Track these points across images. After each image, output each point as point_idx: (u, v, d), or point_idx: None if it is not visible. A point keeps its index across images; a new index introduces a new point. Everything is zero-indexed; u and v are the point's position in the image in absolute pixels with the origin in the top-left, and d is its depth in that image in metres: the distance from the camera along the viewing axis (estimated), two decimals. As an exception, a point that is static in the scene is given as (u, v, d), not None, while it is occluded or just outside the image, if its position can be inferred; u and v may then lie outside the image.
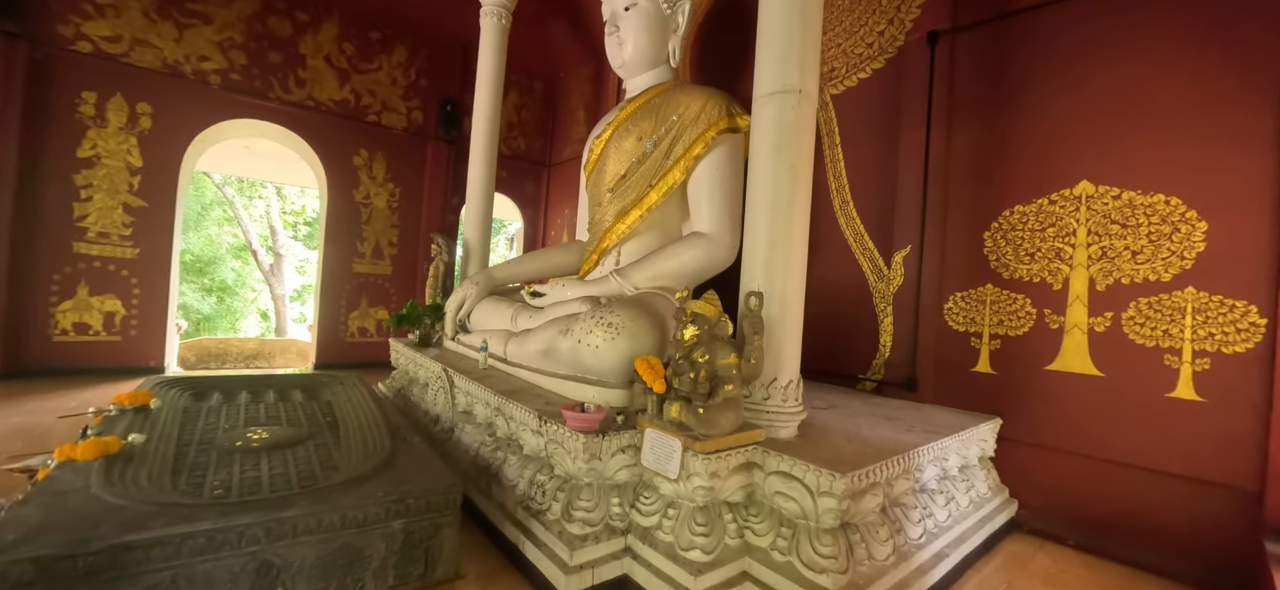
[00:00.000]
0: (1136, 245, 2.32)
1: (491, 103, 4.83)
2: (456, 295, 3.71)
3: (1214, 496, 2.09)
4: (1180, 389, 2.19)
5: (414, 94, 5.87)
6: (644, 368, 1.93)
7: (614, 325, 2.26)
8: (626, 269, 3.05)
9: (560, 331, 2.54)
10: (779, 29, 2.02)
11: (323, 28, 5.20)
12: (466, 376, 2.70)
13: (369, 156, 5.61)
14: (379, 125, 5.65)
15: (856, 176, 3.42)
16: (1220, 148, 2.14)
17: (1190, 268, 2.19)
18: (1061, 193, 2.54)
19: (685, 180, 3.19)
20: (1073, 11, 2.55)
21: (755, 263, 2.00)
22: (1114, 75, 2.41)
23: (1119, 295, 2.35)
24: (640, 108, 3.45)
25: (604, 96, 6.13)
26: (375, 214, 5.69)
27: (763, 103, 2.04)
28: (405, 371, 3.79)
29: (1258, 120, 2.07)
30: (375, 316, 5.76)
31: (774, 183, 1.98)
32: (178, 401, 2.64)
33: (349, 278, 5.58)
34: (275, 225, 11.63)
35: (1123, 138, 2.37)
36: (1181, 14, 2.26)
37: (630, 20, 3.50)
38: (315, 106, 5.22)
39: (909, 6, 3.19)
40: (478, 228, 4.82)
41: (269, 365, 7.44)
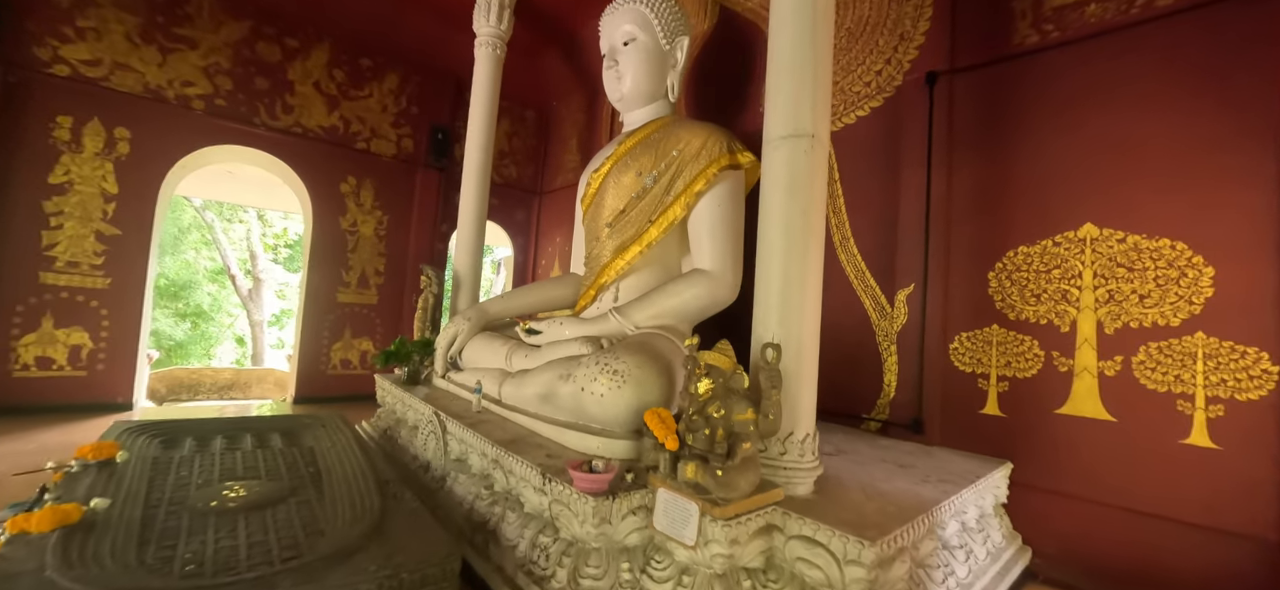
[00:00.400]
0: (1144, 289, 2.31)
1: (485, 132, 4.77)
2: (447, 330, 3.58)
3: (1233, 546, 2.05)
4: (1194, 436, 2.16)
5: (404, 121, 5.79)
6: (655, 421, 1.83)
7: (619, 373, 2.16)
8: (626, 307, 2.97)
9: (560, 376, 2.43)
10: (789, 74, 1.99)
11: (313, 54, 5.12)
12: (460, 422, 2.57)
13: (357, 183, 5.49)
14: (368, 152, 5.54)
15: (857, 213, 3.41)
16: (1222, 192, 2.16)
17: (1199, 313, 2.18)
18: (1065, 234, 2.54)
19: (685, 216, 3.15)
20: (1069, 56, 2.59)
21: (769, 310, 1.94)
22: (1112, 118, 2.44)
23: (1128, 339, 2.33)
24: (639, 142, 3.41)
25: (597, 125, 6.13)
26: (362, 242, 5.54)
27: (774, 146, 2.00)
28: (392, 411, 3.62)
29: (1258, 164, 2.09)
30: (359, 348, 5.56)
31: (787, 228, 1.93)
32: (146, 451, 2.45)
33: (333, 307, 5.40)
34: (256, 249, 11.33)
35: (1124, 181, 2.39)
36: (1175, 59, 2.29)
37: (629, 55, 3.49)
38: (303, 133, 5.10)
39: (906, 48, 3.22)
40: (469, 258, 4.71)
41: (244, 396, 7.14)
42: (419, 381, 3.72)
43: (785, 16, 2.03)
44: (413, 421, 3.22)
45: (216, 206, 11.05)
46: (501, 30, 4.78)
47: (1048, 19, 2.67)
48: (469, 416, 2.70)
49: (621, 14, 3.52)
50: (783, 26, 2.04)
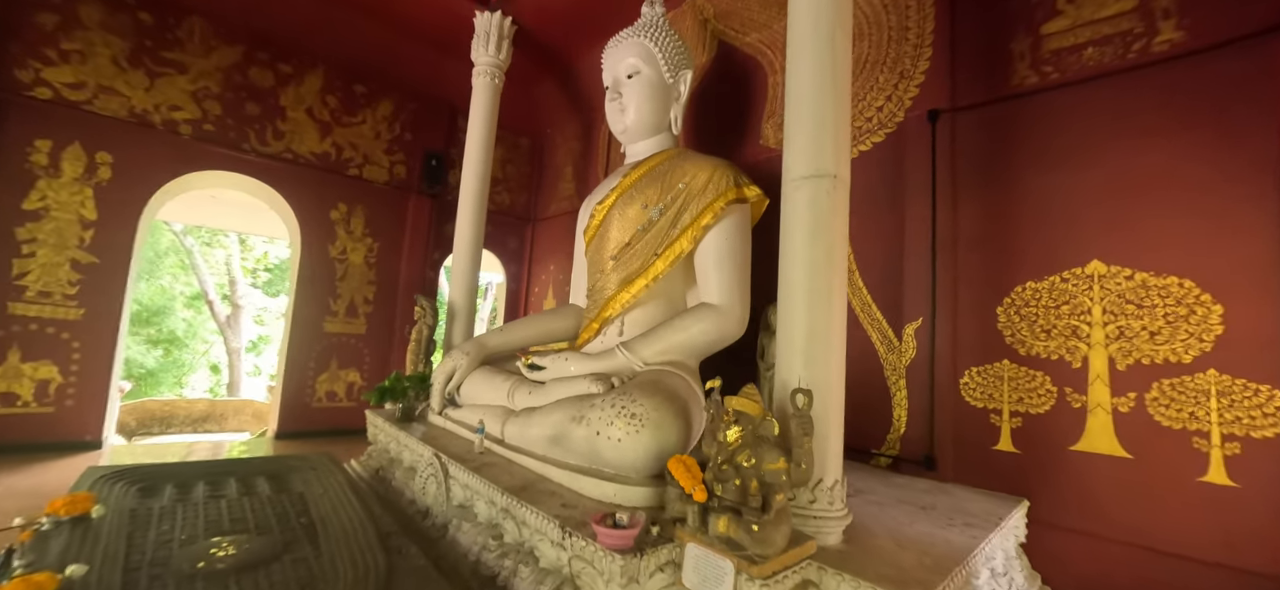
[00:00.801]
0: (1154, 326, 2.33)
1: (482, 160, 4.73)
2: (445, 365, 3.46)
3: (1254, 586, 2.03)
4: (1212, 473, 2.16)
5: (398, 147, 5.71)
6: (680, 470, 1.76)
7: (637, 416, 2.08)
8: (633, 342, 2.90)
9: (572, 418, 2.34)
10: (809, 113, 1.99)
11: (306, 80, 5.04)
12: (465, 466, 2.45)
13: (347, 210, 5.37)
14: (360, 179, 5.43)
15: (861, 245, 3.42)
16: (1227, 232, 2.20)
17: (1210, 350, 2.20)
18: (1073, 271, 2.57)
19: (692, 250, 3.11)
20: (1069, 96, 2.66)
21: (794, 353, 1.89)
22: (1115, 158, 2.49)
23: (1141, 375, 2.34)
24: (645, 174, 3.39)
25: (593, 154, 6.12)
26: (351, 270, 5.40)
27: (795, 186, 1.98)
28: (385, 450, 3.46)
29: (1260, 205, 2.14)
30: (346, 379, 5.37)
31: (811, 269, 1.90)
32: (123, 502, 2.28)
33: (319, 337, 5.21)
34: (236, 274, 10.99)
35: (1129, 219, 2.43)
36: (1174, 101, 2.36)
37: (633, 88, 3.49)
38: (293, 159, 4.98)
39: (907, 85, 3.28)
40: (464, 289, 4.61)
41: (220, 429, 6.82)
42: (414, 418, 3.57)
43: (803, 56, 2.03)
44: (409, 462, 3.07)
45: (196, 231, 10.75)
46: (500, 60, 4.78)
47: (1046, 61, 2.75)
48: (472, 459, 2.58)
49: (625, 47, 3.54)
50: (801, 66, 2.05)
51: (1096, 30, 2.59)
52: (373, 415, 3.74)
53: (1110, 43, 2.55)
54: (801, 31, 2.05)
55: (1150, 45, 2.44)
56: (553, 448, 2.43)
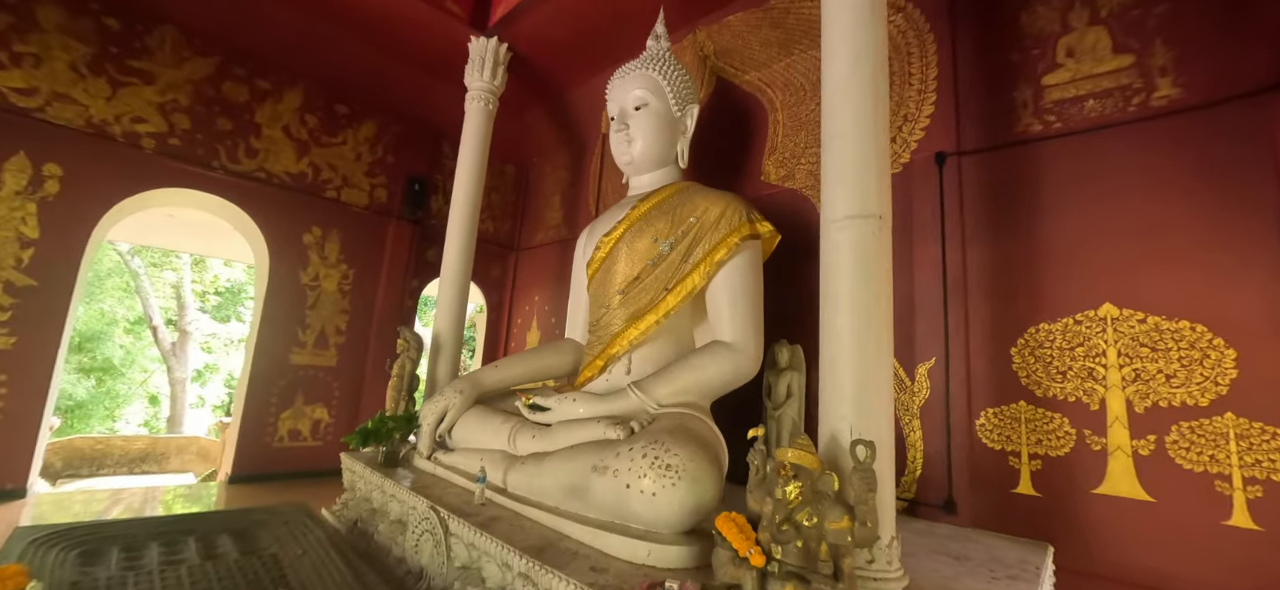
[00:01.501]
0: (1169, 369, 2.37)
1: (473, 187, 4.56)
2: (436, 404, 3.21)
3: (1290, 637, 2.02)
4: (1236, 517, 2.17)
5: (379, 171, 5.46)
6: (731, 530, 1.61)
7: (673, 468, 1.93)
8: (646, 383, 2.76)
9: (593, 467, 2.16)
10: (853, 152, 1.95)
11: (284, 97, 4.77)
12: (467, 521, 2.21)
13: (322, 234, 5.05)
14: (337, 202, 5.15)
15: (868, 283, 3.41)
16: (1234, 280, 2.28)
17: (1226, 394, 2.24)
18: (1086, 313, 2.60)
19: (704, 285, 3.03)
20: (1074, 144, 2.75)
21: (841, 400, 1.80)
22: (1121, 204, 2.57)
23: (1159, 418, 2.37)
24: (654, 207, 3.31)
25: (583, 184, 6.03)
26: (323, 297, 5.05)
27: (839, 227, 1.93)
28: (366, 499, 3.15)
29: (1265, 254, 2.23)
30: (312, 416, 4.96)
31: (860, 313, 1.83)
32: (62, 573, 1.94)
33: (285, 370, 4.81)
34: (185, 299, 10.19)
35: (1139, 263, 2.49)
36: (1177, 152, 2.46)
37: (641, 120, 3.44)
38: (266, 179, 4.67)
39: (911, 128, 3.35)
40: (451, 321, 4.37)
41: (161, 469, 6.16)
42: (399, 463, 3.28)
43: (845, 94, 2.01)
44: (398, 515, 2.78)
45: (144, 251, 9.95)
46: (495, 85, 4.67)
47: (1049, 110, 2.85)
48: (475, 513, 2.35)
49: (634, 79, 3.50)
50: (841, 103, 2.02)
51: (1097, 84, 2.71)
52: (350, 460, 3.42)
53: (1110, 96, 2.66)
54: (841, 69, 2.03)
55: (1149, 100, 2.56)
56: (570, 500, 2.24)
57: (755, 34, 4.21)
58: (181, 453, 6.30)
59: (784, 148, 4.07)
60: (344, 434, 5.08)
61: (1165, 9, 2.55)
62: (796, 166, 3.94)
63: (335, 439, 5.05)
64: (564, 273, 5.97)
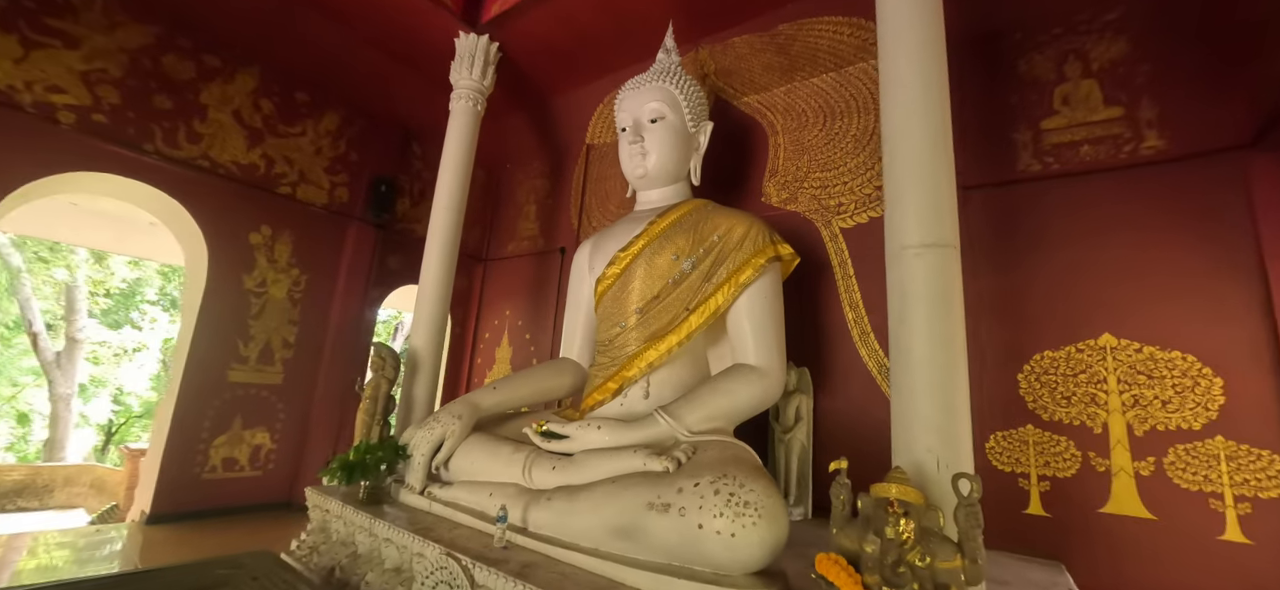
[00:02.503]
0: (1165, 396, 2.58)
1: (457, 193, 4.25)
2: (431, 431, 2.88)
3: (1279, 642, 2.22)
4: (1229, 532, 2.37)
5: (341, 168, 4.95)
6: (837, 572, 1.51)
7: (751, 505, 1.80)
8: (674, 408, 2.61)
9: (648, 505, 1.98)
10: (928, 180, 1.96)
11: (237, 78, 4.20)
12: (501, 572, 1.95)
13: (272, 234, 4.47)
14: (292, 199, 4.59)
15: (876, 309, 3.49)
16: (1219, 315, 2.53)
17: (1216, 419, 2.47)
18: (1087, 342, 2.79)
19: (727, 307, 2.94)
20: (1070, 185, 2.97)
21: (927, 429, 1.77)
22: (1116, 241, 2.80)
23: (1158, 441, 2.56)
24: (674, 223, 3.20)
25: (561, 195, 5.81)
26: (270, 306, 4.46)
27: (916, 254, 1.91)
28: (345, 544, 2.73)
29: (1246, 291, 2.49)
30: (252, 442, 4.33)
31: (939, 342, 1.82)
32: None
33: (221, 388, 4.17)
34: (77, 302, 8.64)
35: (1134, 297, 2.71)
36: (1166, 196, 2.72)
37: (657, 133, 3.33)
38: (211, 168, 4.07)
39: (916, 159, 3.49)
40: (430, 337, 4.00)
41: (43, 504, 5.10)
42: (383, 500, 2.89)
43: (918, 120, 2.02)
44: (396, 563, 2.42)
45: (29, 243, 8.35)
46: (484, 85, 4.39)
47: (1047, 152, 3.07)
48: (503, 560, 2.08)
49: (650, 91, 3.39)
50: (913, 128, 2.03)
51: (1090, 131, 2.95)
52: (320, 497, 2.98)
53: (1103, 143, 2.91)
54: (911, 96, 2.04)
55: (1138, 149, 2.82)
56: (617, 541, 2.03)
57: (758, 57, 4.26)
58: (69, 485, 5.24)
59: (785, 171, 4.12)
60: (288, 462, 4.49)
61: (1150, 68, 2.84)
62: (799, 190, 4.00)
63: (280, 468, 4.44)
64: (540, 286, 5.70)
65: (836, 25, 3.86)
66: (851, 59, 3.88)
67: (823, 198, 3.87)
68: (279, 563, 2.39)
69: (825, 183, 3.88)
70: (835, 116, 3.94)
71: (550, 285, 5.59)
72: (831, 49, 3.94)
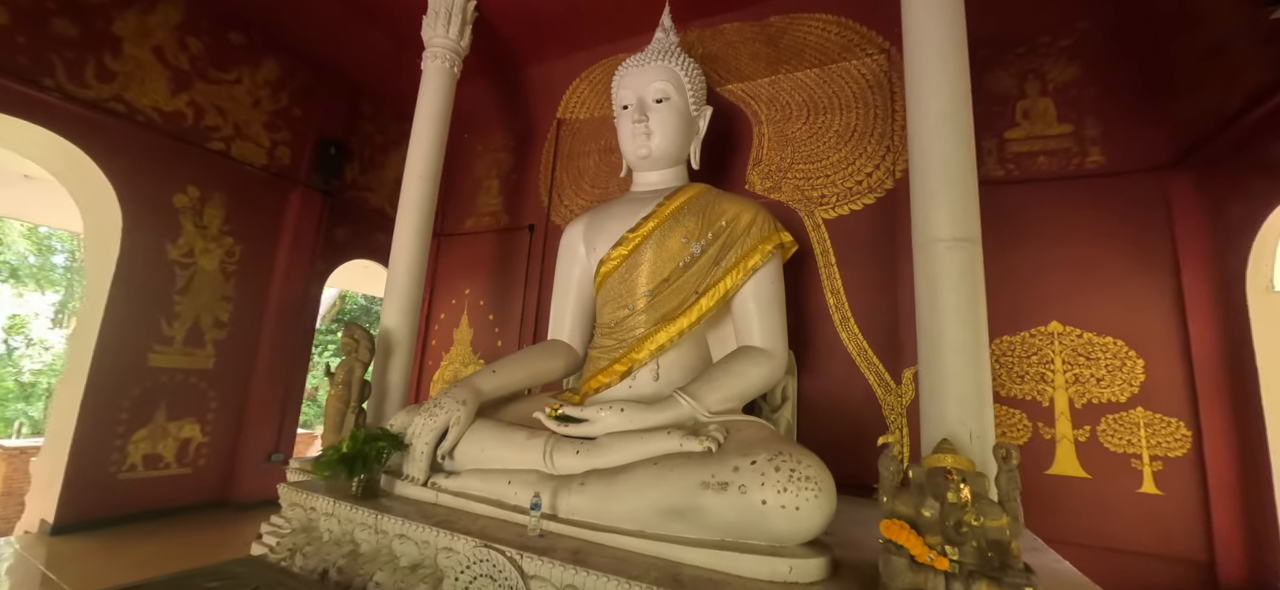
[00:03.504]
0: (1099, 374, 3.05)
1: (431, 162, 3.95)
2: (434, 418, 2.70)
3: (1180, 568, 2.75)
4: (1146, 486, 2.88)
5: (282, 124, 4.37)
6: (906, 536, 1.65)
7: (812, 480, 1.89)
8: (695, 390, 2.65)
9: (703, 484, 2.01)
10: (959, 181, 2.13)
11: (158, 8, 3.53)
12: (557, 561, 1.89)
13: (200, 196, 3.87)
14: (225, 156, 3.99)
15: (856, 296, 3.75)
16: (1142, 307, 3.03)
17: (1138, 393, 2.96)
18: (1038, 328, 3.21)
19: (734, 291, 3.02)
20: (1028, 190, 3.37)
21: (950, 404, 1.97)
22: (1065, 242, 3.22)
23: (1093, 412, 3.03)
24: (682, 206, 3.20)
25: (528, 170, 5.57)
26: (199, 279, 3.88)
27: (947, 247, 2.09)
28: (340, 544, 2.48)
29: (1165, 288, 2.99)
30: (179, 435, 3.78)
31: (968, 328, 2.02)
32: None
33: (141, 374, 3.58)
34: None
35: (1077, 291, 3.16)
36: (1103, 205, 3.18)
37: (662, 114, 3.31)
38: (126, 113, 3.41)
39: (894, 158, 3.77)
40: (405, 317, 3.72)
41: None
42: (378, 493, 2.66)
43: (950, 125, 2.18)
44: (413, 559, 2.25)
45: None
46: (460, 45, 4.09)
47: (1009, 159, 3.45)
48: (551, 548, 2.02)
49: (655, 70, 3.34)
50: (940, 133, 2.19)
51: (1046, 143, 3.36)
52: (299, 494, 2.68)
53: (1056, 155, 3.33)
54: (941, 102, 2.20)
55: (1084, 163, 3.26)
56: (669, 522, 2.05)
57: (746, 46, 4.33)
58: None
59: (769, 161, 4.26)
60: (222, 456, 3.98)
61: (1095, 91, 3.27)
62: (783, 180, 4.16)
63: (213, 464, 3.92)
64: (506, 264, 5.45)
65: (825, 22, 4.03)
66: (836, 57, 4.08)
67: (806, 189, 4.06)
68: (279, 570, 2.13)
69: (809, 175, 4.07)
70: (819, 111, 4.13)
71: (517, 264, 5.37)
72: (818, 45, 4.11)
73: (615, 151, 5.11)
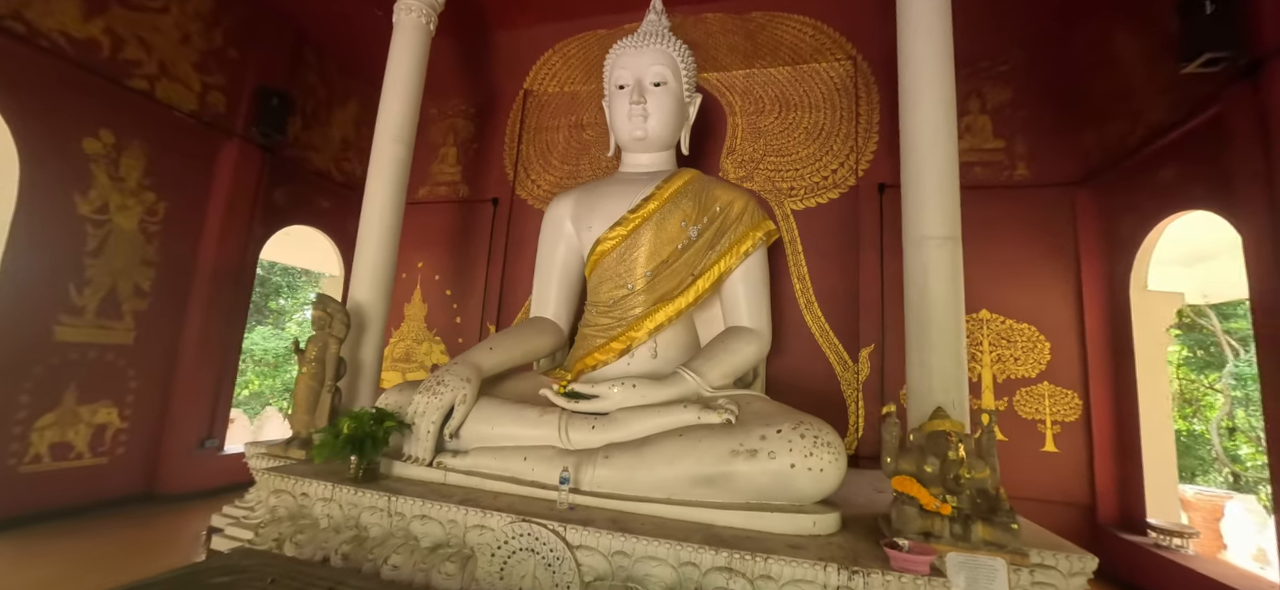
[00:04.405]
0: (1016, 354, 3.64)
1: (405, 125, 3.73)
2: (438, 397, 2.63)
3: (1070, 511, 3.41)
4: (1048, 446, 3.52)
5: (215, 66, 3.83)
6: (917, 489, 1.94)
7: (831, 444, 2.13)
8: (698, 366, 2.83)
9: (732, 453, 2.18)
10: (948, 188, 2.46)
11: (67, -89, 2.93)
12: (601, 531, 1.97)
13: (116, 142, 3.32)
14: (148, 97, 3.44)
15: (819, 281, 4.10)
16: (1050, 299, 3.65)
17: (1044, 370, 3.59)
18: (972, 315, 3.75)
19: (727, 274, 3.20)
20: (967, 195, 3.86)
21: (934, 377, 2.30)
22: (993, 240, 3.77)
23: (1011, 386, 3.62)
24: (679, 190, 3.31)
25: (489, 140, 5.35)
26: (115, 239, 3.34)
27: (937, 244, 2.41)
28: (339, 526, 2.36)
29: (1068, 283, 3.63)
30: (93, 421, 3.28)
31: (951, 315, 2.36)
32: None
33: (45, 350, 3.05)
34: None
35: (1003, 283, 3.73)
36: (1024, 211, 3.75)
37: (659, 97, 3.38)
38: (26, 34, 2.82)
39: (858, 158, 4.14)
40: (377, 289, 3.52)
41: None
42: (378, 476, 2.54)
43: (938, 137, 2.50)
44: (436, 539, 2.21)
45: None
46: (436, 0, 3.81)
47: (953, 167, 3.93)
48: (591, 518, 2.10)
49: (654, 53, 3.40)
50: (937, 144, 2.50)
51: (983, 156, 3.88)
52: (287, 481, 2.49)
53: (990, 166, 3.86)
54: (936, 117, 2.51)
55: (1013, 175, 3.82)
56: (700, 489, 2.20)
57: (725, 38, 4.48)
58: None
59: (742, 151, 4.48)
60: (144, 443, 3.53)
61: (1025, 114, 3.83)
62: (755, 170, 4.40)
63: (134, 452, 3.45)
64: (465, 238, 5.22)
65: (802, 23, 4.28)
66: (808, 58, 4.36)
67: (776, 180, 4.33)
68: (287, 560, 1.99)
69: (779, 167, 4.34)
70: (790, 108, 4.40)
71: (478, 238, 5.17)
72: (793, 44, 4.36)
73: (587, 128, 5.07)
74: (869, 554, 1.85)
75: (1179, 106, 2.86)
